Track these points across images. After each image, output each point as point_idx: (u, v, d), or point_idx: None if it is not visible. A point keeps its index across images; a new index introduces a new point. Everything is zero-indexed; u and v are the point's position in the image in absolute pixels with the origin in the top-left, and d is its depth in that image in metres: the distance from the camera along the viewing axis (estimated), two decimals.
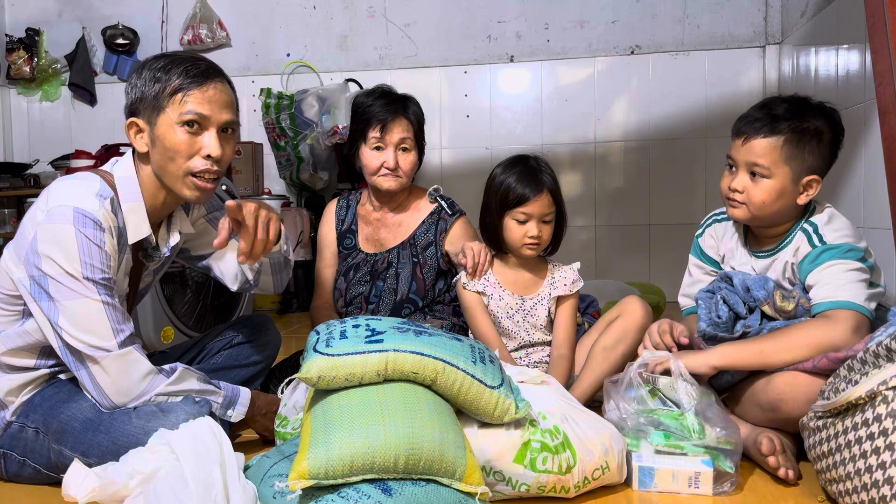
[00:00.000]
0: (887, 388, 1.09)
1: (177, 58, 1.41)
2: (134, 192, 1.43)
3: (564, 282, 1.78)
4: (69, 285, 1.31)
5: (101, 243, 1.33)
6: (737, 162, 1.52)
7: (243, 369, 1.74)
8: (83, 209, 1.33)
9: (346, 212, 2.19)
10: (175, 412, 1.34)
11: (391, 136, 1.98)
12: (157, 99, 1.38)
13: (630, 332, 1.67)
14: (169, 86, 1.37)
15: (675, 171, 3.55)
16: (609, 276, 3.51)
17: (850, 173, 2.47)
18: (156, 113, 1.38)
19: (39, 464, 1.39)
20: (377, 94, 2.05)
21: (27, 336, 1.40)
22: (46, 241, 1.31)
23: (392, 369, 1.19)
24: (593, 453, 1.26)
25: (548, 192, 1.71)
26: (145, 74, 1.40)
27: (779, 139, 1.46)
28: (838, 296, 1.40)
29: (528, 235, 1.71)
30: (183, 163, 1.40)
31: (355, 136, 2.05)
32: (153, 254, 1.52)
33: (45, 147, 4.00)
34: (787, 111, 1.48)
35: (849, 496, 1.14)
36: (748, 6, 3.44)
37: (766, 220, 1.53)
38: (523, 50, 3.66)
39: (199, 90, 1.38)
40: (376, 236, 2.13)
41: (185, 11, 3.84)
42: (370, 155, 2.01)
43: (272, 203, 3.56)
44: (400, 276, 2.06)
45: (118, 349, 1.33)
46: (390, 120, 1.98)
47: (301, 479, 1.03)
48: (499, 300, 1.80)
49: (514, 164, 1.75)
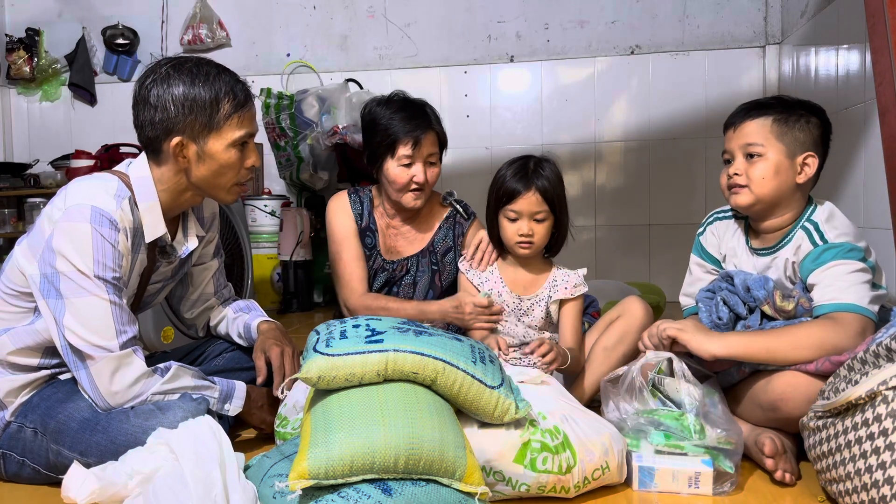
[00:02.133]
0: (887, 388, 1.09)
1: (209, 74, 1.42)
2: (150, 191, 1.46)
3: (566, 285, 1.77)
4: (80, 282, 1.33)
5: (115, 242, 1.36)
6: (731, 150, 1.56)
7: (244, 372, 1.74)
8: (101, 208, 1.35)
9: (360, 207, 2.09)
10: (173, 410, 1.34)
11: (421, 151, 1.93)
12: (211, 121, 1.41)
13: (631, 332, 1.67)
14: (223, 109, 1.42)
15: (676, 171, 3.55)
16: (609, 276, 3.51)
17: (850, 173, 2.47)
18: (207, 131, 1.42)
19: (38, 464, 1.39)
20: (397, 104, 1.96)
21: (36, 335, 1.41)
22: (63, 238, 1.33)
23: (392, 369, 1.18)
24: (593, 453, 1.26)
25: (537, 191, 1.69)
26: (182, 94, 1.39)
27: (767, 118, 1.52)
28: (843, 298, 1.40)
29: (518, 233, 1.72)
30: (234, 176, 1.48)
31: (380, 150, 1.95)
32: (170, 252, 1.55)
33: (45, 147, 4.00)
34: (772, 100, 1.57)
35: (849, 496, 1.14)
36: (748, 6, 3.44)
37: (767, 202, 1.52)
38: (523, 50, 3.66)
39: (249, 112, 1.47)
40: (392, 244, 2.09)
41: (185, 11, 3.84)
42: (399, 171, 1.93)
43: (272, 203, 3.57)
44: (417, 285, 2.04)
45: (119, 350, 1.35)
46: (422, 136, 1.91)
47: (301, 479, 1.03)
48: (497, 297, 1.81)
49: (512, 163, 1.75)
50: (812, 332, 1.38)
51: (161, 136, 1.42)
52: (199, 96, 1.40)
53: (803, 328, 1.40)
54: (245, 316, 1.76)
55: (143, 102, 1.41)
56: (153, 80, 1.41)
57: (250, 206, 3.52)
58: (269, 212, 3.55)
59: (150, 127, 1.42)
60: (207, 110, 1.40)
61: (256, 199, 3.57)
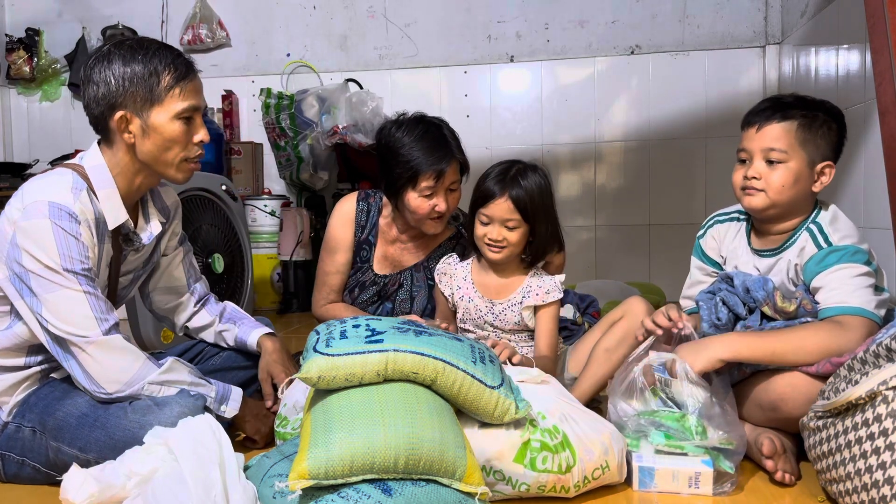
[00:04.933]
0: (887, 388, 1.09)
1: (149, 49, 1.43)
2: (106, 179, 1.45)
3: (538, 291, 1.76)
4: (50, 278, 1.33)
5: (77, 234, 1.36)
6: (751, 151, 1.52)
7: (241, 371, 1.74)
8: (58, 202, 1.35)
9: (366, 218, 2.06)
10: (170, 406, 1.34)
11: (444, 183, 1.87)
12: (152, 93, 1.41)
13: (633, 333, 1.66)
14: (163, 81, 1.42)
15: (675, 171, 3.55)
16: (609, 276, 3.51)
17: (850, 173, 2.47)
18: (148, 105, 1.42)
19: (38, 462, 1.39)
20: (418, 133, 1.87)
21: (16, 338, 1.42)
22: (24, 236, 1.33)
23: (392, 369, 1.18)
24: (593, 453, 1.26)
25: (510, 199, 1.68)
26: (122, 68, 1.40)
27: (792, 123, 1.48)
28: (849, 301, 1.39)
29: (488, 237, 1.71)
30: (180, 151, 1.46)
31: (400, 181, 1.87)
32: (134, 238, 1.53)
33: (44, 147, 3.99)
34: (795, 101, 1.51)
35: (849, 496, 1.14)
36: (748, 6, 3.44)
37: (782, 209, 1.51)
38: (523, 50, 3.66)
39: (192, 83, 1.46)
40: (398, 257, 2.07)
41: (185, 11, 3.84)
42: (420, 202, 1.87)
43: (272, 203, 3.57)
44: (415, 300, 2.03)
45: (103, 336, 1.35)
46: (446, 168, 1.85)
47: (301, 479, 1.03)
48: (468, 301, 1.81)
49: (498, 165, 1.75)
50: (817, 336, 1.37)
51: (105, 113, 1.43)
52: (137, 69, 1.41)
53: (808, 331, 1.39)
54: (235, 329, 1.74)
55: (88, 81, 1.43)
56: (95, 58, 1.43)
57: (250, 206, 3.52)
58: (269, 212, 3.55)
59: (95, 104, 1.43)
60: (147, 82, 1.41)
61: (256, 199, 3.56)
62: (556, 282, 1.77)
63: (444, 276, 1.86)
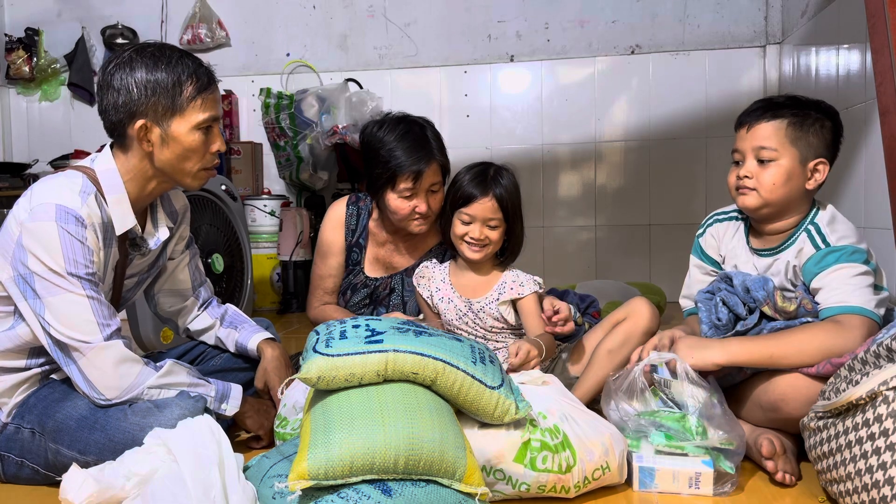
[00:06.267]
0: (888, 388, 1.09)
1: (172, 57, 1.42)
2: (117, 184, 1.45)
3: (512, 285, 1.78)
4: (53, 281, 1.33)
5: (83, 239, 1.35)
6: (743, 151, 1.53)
7: (241, 373, 1.74)
8: (65, 206, 1.34)
9: (356, 221, 2.07)
10: (170, 407, 1.34)
11: (423, 184, 1.87)
12: (174, 103, 1.41)
13: (636, 335, 1.65)
14: (186, 91, 1.41)
15: (676, 171, 3.54)
16: (609, 276, 3.51)
17: (850, 173, 2.46)
18: (170, 115, 1.41)
19: (37, 464, 1.39)
20: (399, 133, 1.88)
21: (18, 339, 1.41)
22: (30, 238, 1.33)
23: (392, 369, 1.18)
24: (593, 453, 1.26)
25: (493, 198, 1.72)
26: (145, 76, 1.39)
27: (782, 122, 1.49)
28: (849, 301, 1.39)
29: (469, 236, 1.73)
30: (198, 161, 1.47)
31: (380, 181, 1.89)
32: (141, 244, 1.54)
33: (44, 147, 3.99)
34: (787, 101, 1.53)
35: (849, 496, 1.14)
36: (748, 6, 3.44)
37: (775, 207, 1.51)
38: (523, 50, 3.65)
39: (213, 94, 1.46)
40: (388, 259, 2.07)
41: (185, 11, 3.84)
42: (400, 202, 1.89)
43: (272, 203, 3.56)
44: (407, 304, 2.03)
45: (104, 342, 1.35)
46: (424, 169, 1.85)
47: (301, 479, 1.03)
48: (448, 302, 1.82)
49: (471, 168, 1.78)
50: (817, 337, 1.37)
51: (125, 120, 1.41)
52: (161, 78, 1.40)
53: (807, 332, 1.39)
54: (234, 333, 1.74)
55: (107, 87, 1.41)
56: (116, 64, 1.41)
57: (250, 206, 3.52)
58: (268, 212, 3.55)
59: (114, 111, 1.42)
60: (170, 92, 1.40)
61: (256, 199, 3.56)
62: (533, 278, 1.79)
63: (423, 280, 1.89)
